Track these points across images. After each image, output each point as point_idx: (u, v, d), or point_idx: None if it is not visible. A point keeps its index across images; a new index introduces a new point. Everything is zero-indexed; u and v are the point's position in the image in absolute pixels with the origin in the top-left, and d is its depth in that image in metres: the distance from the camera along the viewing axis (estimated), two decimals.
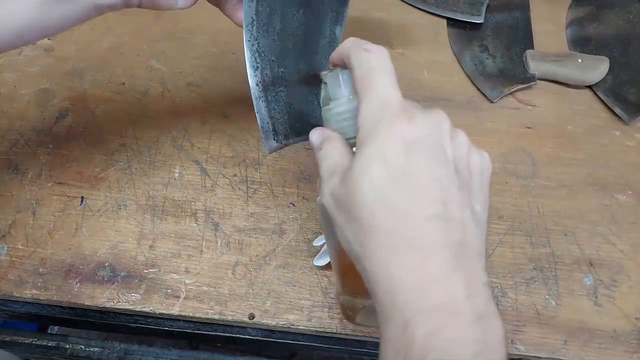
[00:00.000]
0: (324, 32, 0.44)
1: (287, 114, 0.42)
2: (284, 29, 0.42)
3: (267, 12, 0.41)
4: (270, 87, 0.42)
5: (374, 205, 0.27)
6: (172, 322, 0.47)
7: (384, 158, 0.27)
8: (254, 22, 0.40)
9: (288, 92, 0.43)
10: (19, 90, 0.57)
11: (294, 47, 0.43)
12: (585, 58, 0.61)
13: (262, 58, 0.41)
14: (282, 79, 0.42)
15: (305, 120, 0.43)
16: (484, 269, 0.28)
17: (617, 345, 0.46)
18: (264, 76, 0.41)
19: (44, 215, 0.49)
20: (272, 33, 0.41)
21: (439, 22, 0.67)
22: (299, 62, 0.43)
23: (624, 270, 0.49)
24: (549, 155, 0.56)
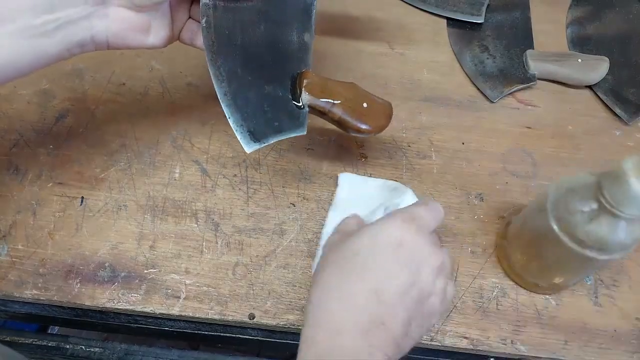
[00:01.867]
0: (291, 40, 0.45)
1: (261, 115, 0.44)
2: (247, 43, 0.44)
3: (227, 33, 0.43)
4: (238, 94, 0.43)
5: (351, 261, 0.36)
6: (172, 323, 0.47)
7: (377, 238, 0.36)
8: (214, 44, 0.43)
9: (259, 95, 0.44)
10: (18, 90, 0.57)
11: (260, 55, 0.45)
12: (585, 58, 0.61)
13: (226, 70, 0.43)
14: (250, 84, 0.44)
15: (282, 117, 0.44)
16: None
17: (617, 345, 0.46)
18: (230, 85, 0.43)
19: (44, 216, 0.49)
20: (234, 48, 0.44)
21: (439, 22, 0.67)
22: (268, 67, 0.45)
23: (625, 270, 0.49)
24: (549, 155, 0.56)
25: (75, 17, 0.37)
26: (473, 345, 0.45)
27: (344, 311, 0.34)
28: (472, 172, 0.54)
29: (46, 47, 0.37)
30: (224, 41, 0.43)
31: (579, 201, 0.38)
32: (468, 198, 0.53)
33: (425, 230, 0.36)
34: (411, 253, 0.35)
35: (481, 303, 0.47)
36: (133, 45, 0.42)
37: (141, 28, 0.41)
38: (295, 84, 0.45)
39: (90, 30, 0.39)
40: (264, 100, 0.44)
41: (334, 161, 0.54)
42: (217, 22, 0.43)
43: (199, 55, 0.62)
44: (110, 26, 0.40)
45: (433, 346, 0.45)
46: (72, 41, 0.38)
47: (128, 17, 0.40)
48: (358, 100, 0.46)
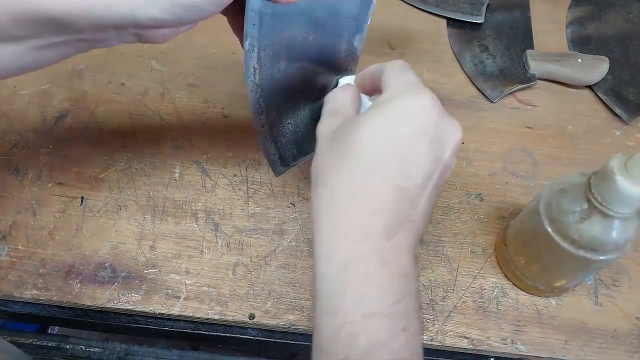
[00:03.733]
0: (339, 47, 0.41)
1: (294, 143, 0.42)
2: (291, 65, 0.39)
3: (271, 55, 0.37)
4: (276, 125, 0.41)
5: (363, 153, 0.30)
6: (172, 323, 0.47)
7: (394, 123, 0.30)
8: (256, 71, 0.37)
9: (296, 122, 0.42)
10: (19, 91, 0.57)
11: (304, 77, 0.40)
12: (585, 58, 0.61)
13: (266, 102, 0.39)
14: (289, 113, 0.41)
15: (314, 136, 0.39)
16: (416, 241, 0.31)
17: (617, 345, 0.46)
18: (269, 118, 0.40)
19: (45, 216, 0.49)
20: (276, 74, 0.39)
21: (439, 22, 0.67)
22: (309, 89, 0.41)
23: (625, 270, 0.49)
24: (549, 155, 0.56)
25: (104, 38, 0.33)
26: (473, 345, 0.45)
27: (364, 214, 0.29)
28: (472, 172, 0.54)
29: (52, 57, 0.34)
30: (267, 65, 0.37)
31: (570, 201, 0.39)
32: (468, 198, 0.53)
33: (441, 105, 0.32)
34: (435, 135, 0.31)
35: (481, 303, 0.47)
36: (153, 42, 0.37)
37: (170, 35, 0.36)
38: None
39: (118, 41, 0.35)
40: (299, 126, 0.42)
41: None
42: (261, 41, 0.36)
43: (199, 55, 0.62)
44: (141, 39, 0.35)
45: (433, 346, 0.45)
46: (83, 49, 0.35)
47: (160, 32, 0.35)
48: None
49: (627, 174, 0.33)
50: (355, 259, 0.29)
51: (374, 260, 0.29)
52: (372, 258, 0.29)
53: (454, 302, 0.47)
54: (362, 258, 0.29)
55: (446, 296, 0.47)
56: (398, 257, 0.29)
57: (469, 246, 0.50)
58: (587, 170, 0.39)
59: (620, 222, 0.37)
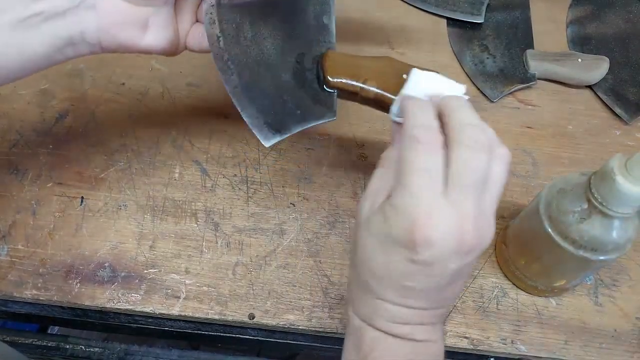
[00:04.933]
0: (308, 24, 0.43)
1: (280, 105, 0.41)
2: (258, 34, 0.41)
3: (234, 26, 0.40)
4: (251, 86, 0.40)
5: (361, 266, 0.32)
6: (172, 323, 0.47)
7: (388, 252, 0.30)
8: (219, 39, 0.40)
9: (275, 85, 0.41)
10: (18, 90, 0.57)
11: (275, 44, 0.42)
12: (585, 57, 0.61)
13: (236, 64, 0.40)
14: (264, 75, 0.41)
15: (306, 104, 0.41)
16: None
17: (617, 345, 0.46)
18: (241, 78, 0.40)
19: (44, 216, 0.49)
20: (243, 41, 0.41)
21: (439, 22, 0.67)
22: (285, 54, 0.42)
23: (625, 270, 0.49)
24: (549, 155, 0.56)
25: (62, 9, 0.35)
26: (473, 345, 0.45)
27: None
28: None
29: (34, 44, 0.35)
30: (232, 34, 0.40)
31: (570, 201, 0.39)
32: None
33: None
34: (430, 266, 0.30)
35: (481, 303, 0.47)
36: (126, 43, 0.38)
37: (136, 23, 0.38)
38: (319, 67, 0.41)
39: (79, 25, 0.36)
40: (282, 90, 0.41)
41: (334, 161, 0.54)
42: (222, 16, 0.40)
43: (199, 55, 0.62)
44: (102, 18, 0.36)
45: None
46: (62, 37, 0.36)
47: (119, 9, 0.36)
48: (395, 73, 0.39)
49: (627, 173, 0.33)
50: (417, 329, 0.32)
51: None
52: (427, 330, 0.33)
53: (454, 302, 0.47)
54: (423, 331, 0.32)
55: None
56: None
57: None
58: (587, 170, 0.39)
59: (620, 222, 0.37)
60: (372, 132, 0.56)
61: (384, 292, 0.31)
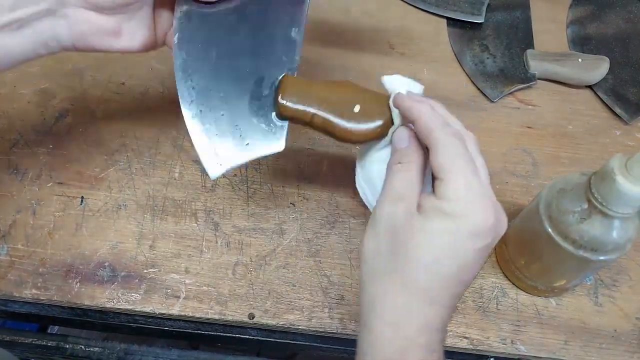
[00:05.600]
0: (275, 39, 0.41)
1: (230, 135, 0.39)
2: (224, 54, 0.40)
3: (200, 47, 0.40)
4: (208, 115, 0.39)
5: (421, 265, 0.31)
6: (172, 322, 0.47)
7: (459, 241, 0.31)
8: (185, 62, 0.39)
9: (231, 113, 0.39)
10: (18, 90, 0.57)
11: (239, 66, 0.40)
12: (585, 58, 0.61)
13: (198, 91, 0.40)
14: (223, 103, 0.40)
15: (255, 133, 0.39)
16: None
17: (617, 345, 0.46)
18: (200, 106, 0.40)
19: (44, 215, 0.49)
20: (207, 64, 0.40)
21: (439, 22, 0.67)
22: (246, 79, 0.40)
23: (625, 270, 0.49)
24: (549, 155, 0.56)
25: (37, 16, 0.36)
26: (473, 345, 0.45)
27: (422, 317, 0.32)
28: None
29: (10, 47, 0.36)
30: (198, 56, 0.40)
31: (570, 201, 0.39)
32: None
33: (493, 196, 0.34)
34: (493, 243, 0.32)
35: (481, 303, 0.47)
36: (100, 49, 0.39)
37: (108, 31, 0.38)
38: (275, 92, 0.39)
39: (53, 30, 0.37)
40: (237, 118, 0.39)
41: (334, 161, 0.54)
42: (190, 36, 0.39)
43: None
44: (73, 27, 0.37)
45: None
46: (37, 41, 0.37)
47: (90, 19, 0.37)
48: (348, 102, 0.38)
49: (628, 173, 0.33)
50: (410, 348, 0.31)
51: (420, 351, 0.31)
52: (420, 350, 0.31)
53: None
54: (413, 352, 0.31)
55: None
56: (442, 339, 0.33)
57: None
58: (587, 170, 0.39)
59: (620, 222, 0.37)
60: None
61: (444, 296, 0.32)
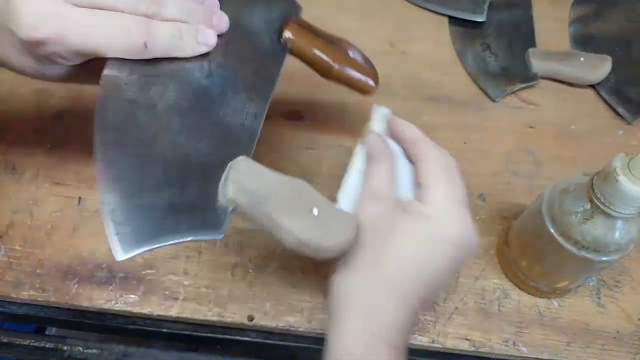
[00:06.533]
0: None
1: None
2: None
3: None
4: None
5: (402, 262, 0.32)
6: (170, 324, 0.46)
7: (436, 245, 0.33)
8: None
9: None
10: (16, 90, 0.57)
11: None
12: (587, 57, 0.61)
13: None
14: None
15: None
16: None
17: (620, 346, 0.45)
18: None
19: (42, 216, 0.49)
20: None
21: (440, 21, 0.67)
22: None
23: (627, 271, 0.49)
24: (551, 155, 0.56)
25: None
26: (475, 347, 0.45)
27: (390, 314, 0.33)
28: (474, 172, 0.54)
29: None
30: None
31: (572, 202, 0.38)
32: (470, 198, 0.52)
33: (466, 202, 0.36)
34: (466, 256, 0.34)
35: (483, 304, 0.46)
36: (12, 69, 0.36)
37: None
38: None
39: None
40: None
41: (334, 161, 0.54)
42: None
43: None
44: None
45: (434, 348, 0.45)
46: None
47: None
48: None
49: (630, 174, 0.33)
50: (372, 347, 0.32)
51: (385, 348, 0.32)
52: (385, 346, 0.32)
53: (455, 303, 0.46)
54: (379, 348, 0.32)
55: (447, 298, 0.46)
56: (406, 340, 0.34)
57: None
58: (590, 170, 0.38)
59: (623, 223, 0.37)
60: None
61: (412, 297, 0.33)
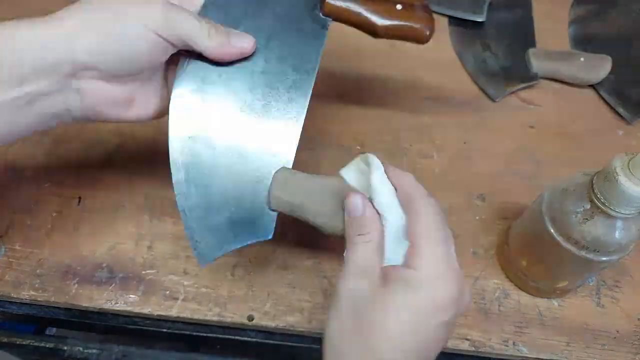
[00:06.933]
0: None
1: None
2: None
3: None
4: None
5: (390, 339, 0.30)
6: (170, 324, 0.46)
7: (423, 315, 0.30)
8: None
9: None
10: None
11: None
12: (587, 57, 0.61)
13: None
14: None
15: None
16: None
17: (620, 346, 0.45)
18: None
19: (42, 216, 0.49)
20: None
21: (440, 21, 0.67)
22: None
23: (627, 271, 0.49)
24: (551, 155, 0.56)
25: (47, 91, 0.34)
26: (475, 347, 0.45)
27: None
28: (474, 172, 0.54)
29: (19, 122, 0.35)
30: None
31: (572, 202, 0.38)
32: (470, 199, 0.52)
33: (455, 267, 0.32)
34: (457, 317, 0.32)
35: (483, 304, 0.46)
36: (113, 119, 0.39)
37: (120, 100, 0.38)
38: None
39: (64, 104, 0.36)
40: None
41: (334, 161, 0.54)
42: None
43: None
44: (85, 99, 0.36)
45: None
46: (47, 114, 0.36)
47: (103, 89, 0.36)
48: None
49: (630, 174, 0.33)
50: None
51: None
52: None
53: None
54: None
55: None
56: None
57: (470, 247, 0.49)
58: (590, 170, 0.38)
59: (623, 223, 0.37)
60: (373, 131, 0.56)
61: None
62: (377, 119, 0.56)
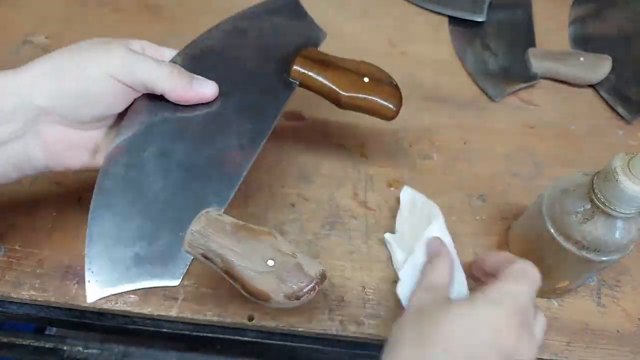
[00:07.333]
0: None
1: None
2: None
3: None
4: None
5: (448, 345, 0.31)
6: (170, 324, 0.46)
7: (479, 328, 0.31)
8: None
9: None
10: None
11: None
12: (587, 57, 0.61)
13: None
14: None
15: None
16: None
17: (621, 346, 0.45)
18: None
19: (42, 216, 0.49)
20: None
21: (440, 21, 0.67)
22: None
23: (627, 271, 0.49)
24: (551, 155, 0.56)
25: (7, 138, 0.34)
26: None
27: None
28: (474, 173, 0.54)
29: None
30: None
31: (572, 202, 0.38)
32: (470, 199, 0.52)
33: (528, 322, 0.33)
34: (509, 351, 0.32)
35: None
36: (77, 167, 0.39)
37: (84, 147, 0.38)
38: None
39: (25, 151, 0.35)
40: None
41: (334, 161, 0.54)
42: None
43: None
44: (47, 146, 0.36)
45: None
46: (9, 163, 0.35)
47: (66, 136, 0.36)
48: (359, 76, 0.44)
49: (630, 173, 0.33)
50: None
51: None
52: None
53: None
54: None
55: None
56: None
57: (471, 247, 0.49)
58: (590, 170, 0.38)
59: (623, 223, 0.37)
60: (373, 131, 0.56)
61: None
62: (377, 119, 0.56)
